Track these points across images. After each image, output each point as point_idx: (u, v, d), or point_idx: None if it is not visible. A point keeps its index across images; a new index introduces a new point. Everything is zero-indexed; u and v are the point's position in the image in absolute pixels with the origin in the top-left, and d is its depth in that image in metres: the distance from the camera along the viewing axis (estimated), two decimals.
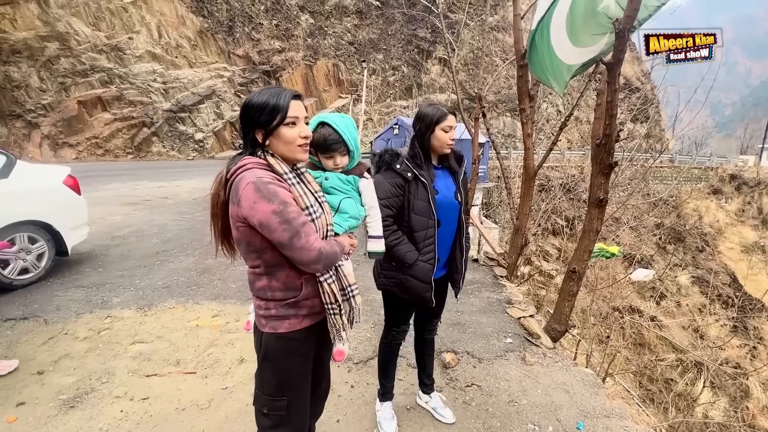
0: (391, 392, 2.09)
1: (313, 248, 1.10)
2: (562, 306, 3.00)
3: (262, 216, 1.05)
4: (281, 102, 1.12)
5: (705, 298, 18.84)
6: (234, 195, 1.09)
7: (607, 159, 2.64)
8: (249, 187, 1.05)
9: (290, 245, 1.08)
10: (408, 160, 1.72)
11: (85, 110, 18.71)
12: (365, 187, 1.55)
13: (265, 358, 1.24)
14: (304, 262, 1.11)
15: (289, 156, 1.18)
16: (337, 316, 1.27)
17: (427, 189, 1.71)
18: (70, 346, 2.70)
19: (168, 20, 20.74)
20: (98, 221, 5.96)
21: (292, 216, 1.07)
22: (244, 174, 1.10)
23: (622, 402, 2.26)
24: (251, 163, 1.13)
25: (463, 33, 22.50)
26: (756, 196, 25.90)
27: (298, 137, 1.16)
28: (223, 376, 2.42)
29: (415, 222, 1.73)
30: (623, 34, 2.36)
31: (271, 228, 1.06)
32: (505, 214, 15.55)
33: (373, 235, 1.62)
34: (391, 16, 26.20)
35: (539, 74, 4.44)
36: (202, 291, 3.68)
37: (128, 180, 11.02)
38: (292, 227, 1.07)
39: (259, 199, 1.04)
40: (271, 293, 1.19)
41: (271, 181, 1.08)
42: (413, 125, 1.79)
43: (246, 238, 1.13)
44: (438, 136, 1.72)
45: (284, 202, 1.07)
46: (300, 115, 1.17)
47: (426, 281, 1.76)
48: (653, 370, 12.17)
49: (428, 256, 1.75)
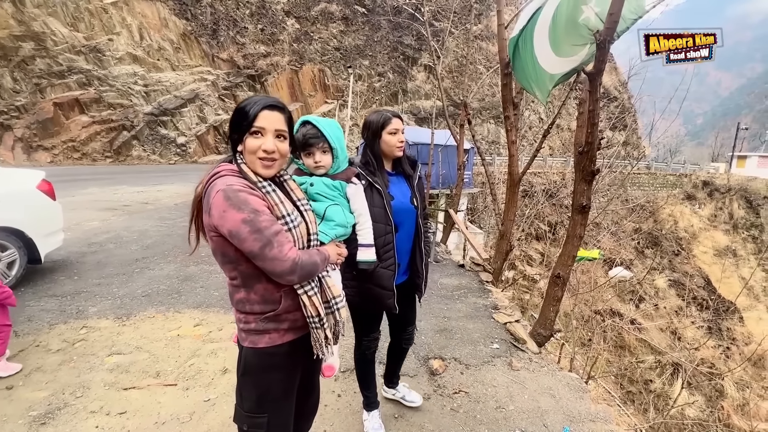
0: (376, 401, 2.07)
1: (286, 258, 1.05)
2: (547, 311, 3.03)
3: (231, 225, 1.00)
4: (251, 110, 1.08)
5: (681, 301, 19.46)
6: (205, 203, 1.06)
7: (590, 166, 2.70)
8: (219, 195, 1.01)
9: (262, 255, 1.03)
10: (361, 167, 1.72)
11: (62, 112, 18.11)
12: (354, 193, 1.50)
13: (245, 373, 1.19)
14: (278, 273, 1.06)
15: (251, 168, 1.12)
16: (319, 330, 1.21)
17: (382, 195, 1.71)
18: (42, 359, 2.58)
19: (150, 22, 20.36)
20: (74, 227, 5.75)
21: (264, 225, 1.03)
22: (216, 182, 1.06)
23: (606, 406, 2.29)
24: (225, 170, 1.10)
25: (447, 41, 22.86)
26: (727, 202, 27.00)
27: (259, 149, 1.09)
28: (206, 388, 2.35)
29: (372, 229, 1.70)
30: (604, 46, 2.43)
31: (242, 237, 1.01)
32: (490, 220, 15.74)
33: (362, 243, 1.59)
34: (377, 23, 26.41)
35: (523, 82, 4.54)
36: (184, 299, 3.58)
37: (107, 184, 10.69)
38: (263, 236, 1.02)
39: (228, 208, 1.00)
40: (249, 306, 1.14)
41: (242, 188, 1.04)
42: (362, 134, 1.82)
43: (220, 248, 1.09)
44: (386, 140, 1.75)
45: (255, 211, 1.03)
46: (268, 127, 1.09)
47: (388, 288, 1.75)
48: (633, 371, 12.46)
49: (388, 262, 1.74)
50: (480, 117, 27.89)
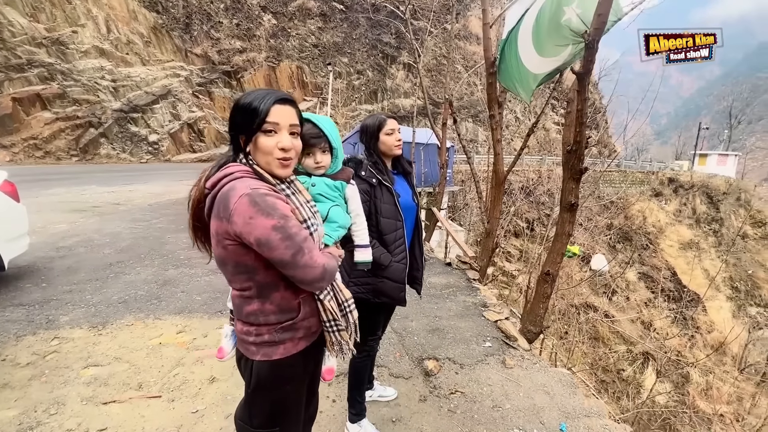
0: (365, 408, 2.04)
1: (317, 265, 0.99)
2: (536, 308, 3.07)
3: (261, 233, 0.92)
4: (261, 105, 0.99)
5: (651, 293, 20.38)
6: (221, 209, 0.96)
7: (578, 165, 2.74)
8: (243, 200, 0.93)
9: (293, 263, 0.96)
10: (371, 166, 1.81)
11: (21, 108, 17.04)
12: (352, 194, 1.50)
13: (257, 388, 1.11)
14: (308, 281, 1.00)
15: (266, 169, 1.05)
16: (342, 332, 1.18)
17: (392, 192, 1.81)
18: (9, 374, 2.39)
19: (118, 14, 19.41)
20: (39, 230, 5.40)
21: (294, 231, 0.96)
22: (233, 184, 0.97)
23: (598, 400, 2.33)
24: (239, 171, 1.01)
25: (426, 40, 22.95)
26: (690, 197, 28.48)
27: (275, 148, 1.02)
28: (193, 399, 2.24)
29: (384, 225, 1.80)
30: (592, 46, 2.46)
31: (272, 245, 0.93)
32: (471, 217, 15.94)
33: (360, 244, 1.57)
34: (356, 20, 26.20)
35: (507, 82, 4.58)
36: (164, 305, 3.41)
37: (73, 184, 10.13)
38: (294, 243, 0.95)
39: (256, 214, 0.92)
40: (264, 317, 1.06)
41: (268, 192, 0.97)
42: (360, 140, 1.90)
43: (235, 257, 1.00)
44: (384, 141, 1.84)
45: (284, 216, 0.96)
46: (282, 123, 1.02)
47: (400, 281, 1.85)
48: (607, 361, 12.95)
49: (400, 256, 1.85)
50: (458, 116, 28.16)
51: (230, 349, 1.37)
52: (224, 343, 1.38)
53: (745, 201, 28.61)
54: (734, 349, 16.66)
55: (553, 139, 31.48)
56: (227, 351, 1.37)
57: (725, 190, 28.61)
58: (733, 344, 17.25)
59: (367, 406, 2.05)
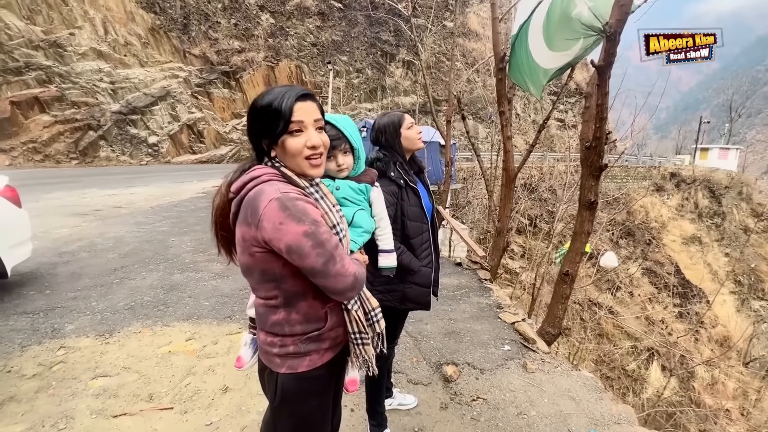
0: (386, 418, 1.96)
1: (348, 273, 0.93)
2: (555, 309, 2.99)
3: (291, 239, 0.86)
4: (283, 105, 0.92)
5: (654, 288, 20.32)
6: (249, 214, 0.90)
7: (598, 161, 2.66)
8: (272, 204, 0.87)
9: (324, 272, 0.90)
10: (398, 167, 1.72)
11: (20, 112, 16.92)
12: (376, 197, 1.44)
13: (282, 402, 1.05)
14: (339, 290, 0.94)
15: (297, 171, 0.99)
16: (367, 346, 1.11)
17: (417, 194, 1.74)
18: (15, 386, 2.30)
19: (115, 16, 19.28)
20: (41, 235, 5.31)
21: (325, 237, 0.90)
22: (261, 188, 0.90)
23: (626, 406, 2.25)
24: (267, 174, 0.94)
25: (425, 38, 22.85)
26: (692, 192, 28.39)
27: (304, 147, 0.96)
28: (206, 410, 2.16)
29: (411, 228, 1.72)
30: (614, 38, 2.38)
31: (303, 253, 0.87)
32: (473, 215, 15.86)
33: (384, 249, 1.53)
34: (354, 19, 26.06)
35: (517, 78, 4.49)
36: (172, 311, 3.33)
37: (74, 188, 10.03)
38: (326, 251, 0.89)
39: (286, 219, 0.86)
40: (289, 328, 1.00)
41: (299, 196, 0.91)
42: (377, 141, 1.80)
43: (263, 265, 0.94)
44: (407, 136, 1.76)
45: (315, 222, 0.89)
46: (307, 120, 0.96)
47: (427, 285, 1.79)
48: (612, 357, 12.91)
49: (426, 260, 1.78)
50: (466, 112, 28.08)
51: (249, 358, 1.32)
52: (243, 351, 1.32)
53: (747, 195, 28.55)
54: (739, 343, 16.62)
55: (553, 135, 31.38)
56: (246, 360, 1.32)
57: (727, 183, 28.53)
58: (737, 338, 17.20)
59: (387, 415, 1.97)
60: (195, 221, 6.66)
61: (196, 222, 6.61)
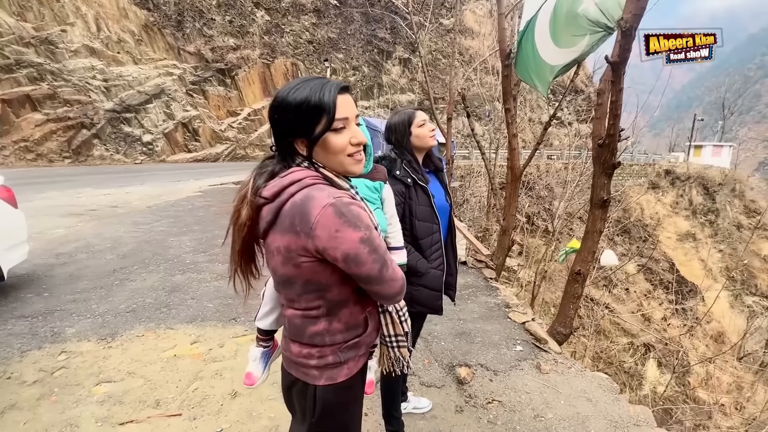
0: (403, 423, 1.91)
1: (399, 278, 0.89)
2: (566, 308, 2.95)
3: (349, 247, 0.81)
4: (326, 99, 0.84)
5: (650, 285, 20.47)
6: (298, 222, 0.82)
7: (611, 159, 2.62)
8: (327, 211, 0.80)
9: (380, 278, 0.85)
10: (407, 165, 1.67)
11: (11, 110, 16.61)
12: (388, 195, 1.44)
13: (323, 415, 0.99)
14: (391, 295, 0.90)
15: (338, 170, 0.92)
16: (403, 348, 1.07)
17: (427, 193, 1.68)
18: (16, 393, 2.22)
19: (107, 12, 18.97)
20: (37, 236, 5.19)
21: (378, 242, 0.85)
22: (310, 193, 0.83)
23: (644, 408, 2.22)
24: (309, 177, 0.86)
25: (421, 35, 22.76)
26: (687, 189, 28.63)
27: (348, 145, 0.89)
28: (216, 416, 2.09)
29: (419, 229, 1.66)
30: (629, 33, 2.33)
31: (361, 261, 0.82)
32: (472, 213, 15.84)
33: (395, 246, 1.50)
34: (350, 16, 25.91)
35: (523, 75, 4.45)
36: (175, 313, 3.25)
37: (67, 187, 9.86)
38: (380, 256, 0.85)
39: (342, 226, 0.80)
40: (330, 338, 0.94)
41: (351, 201, 0.85)
42: (387, 140, 1.76)
43: (309, 275, 0.87)
44: (417, 134, 1.70)
45: (369, 227, 0.84)
46: (350, 115, 0.89)
47: (438, 289, 1.73)
48: (609, 354, 13.00)
49: (437, 262, 1.72)
50: (455, 111, 28.03)
51: (261, 373, 1.26)
52: (253, 367, 1.25)
53: (740, 192, 28.82)
54: (733, 338, 16.78)
55: (549, 132, 31.44)
56: (257, 376, 1.25)
57: (720, 180, 28.79)
58: (731, 333, 17.35)
59: (403, 420, 1.92)
60: (193, 221, 6.56)
61: (194, 222, 6.51)
